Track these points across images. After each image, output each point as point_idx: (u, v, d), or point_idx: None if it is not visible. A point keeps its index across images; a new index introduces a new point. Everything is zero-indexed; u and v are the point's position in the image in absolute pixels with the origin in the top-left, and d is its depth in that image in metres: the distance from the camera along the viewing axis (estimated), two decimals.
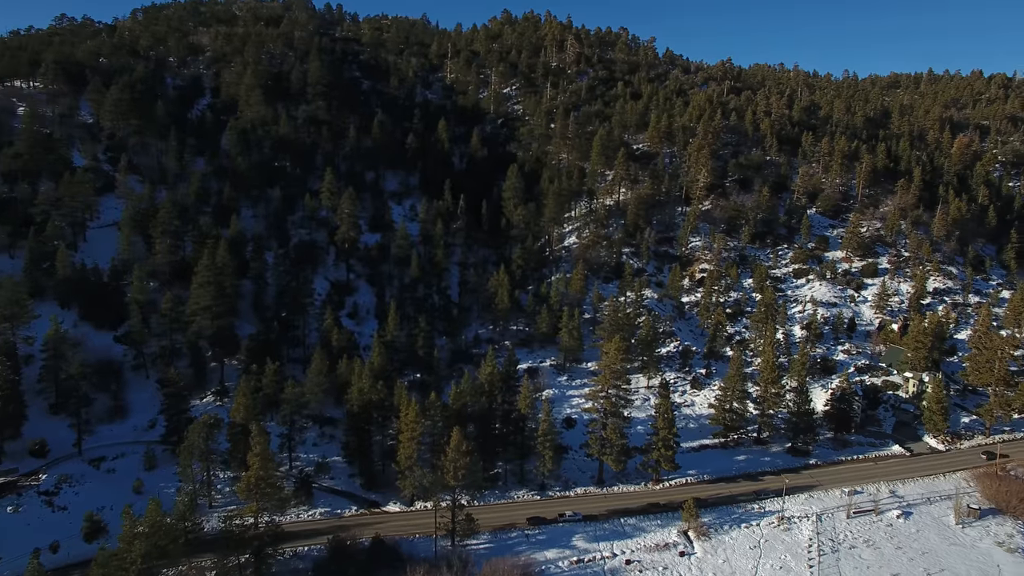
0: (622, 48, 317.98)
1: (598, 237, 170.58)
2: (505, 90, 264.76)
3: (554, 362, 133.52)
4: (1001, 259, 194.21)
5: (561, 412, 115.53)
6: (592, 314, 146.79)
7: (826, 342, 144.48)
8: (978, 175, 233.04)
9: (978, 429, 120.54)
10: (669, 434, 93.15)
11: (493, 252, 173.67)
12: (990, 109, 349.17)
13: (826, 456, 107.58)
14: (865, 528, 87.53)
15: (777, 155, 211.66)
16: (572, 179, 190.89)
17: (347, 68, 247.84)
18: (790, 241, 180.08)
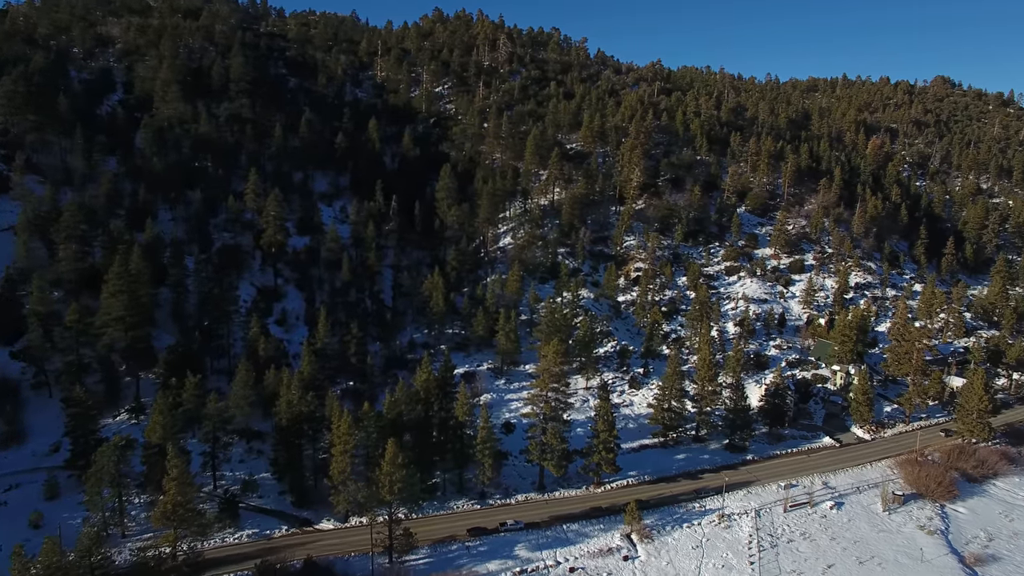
0: (554, 48, 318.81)
1: (533, 237, 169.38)
2: (437, 89, 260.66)
3: (491, 365, 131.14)
4: (913, 254, 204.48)
5: (500, 417, 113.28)
6: (529, 315, 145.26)
7: (758, 338, 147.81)
8: (890, 175, 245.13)
9: (899, 417, 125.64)
10: (609, 436, 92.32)
11: (427, 254, 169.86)
12: (897, 113, 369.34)
13: (762, 451, 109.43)
14: (801, 521, 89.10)
15: (707, 155, 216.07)
16: (506, 179, 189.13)
17: (272, 65, 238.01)
18: (721, 239, 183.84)
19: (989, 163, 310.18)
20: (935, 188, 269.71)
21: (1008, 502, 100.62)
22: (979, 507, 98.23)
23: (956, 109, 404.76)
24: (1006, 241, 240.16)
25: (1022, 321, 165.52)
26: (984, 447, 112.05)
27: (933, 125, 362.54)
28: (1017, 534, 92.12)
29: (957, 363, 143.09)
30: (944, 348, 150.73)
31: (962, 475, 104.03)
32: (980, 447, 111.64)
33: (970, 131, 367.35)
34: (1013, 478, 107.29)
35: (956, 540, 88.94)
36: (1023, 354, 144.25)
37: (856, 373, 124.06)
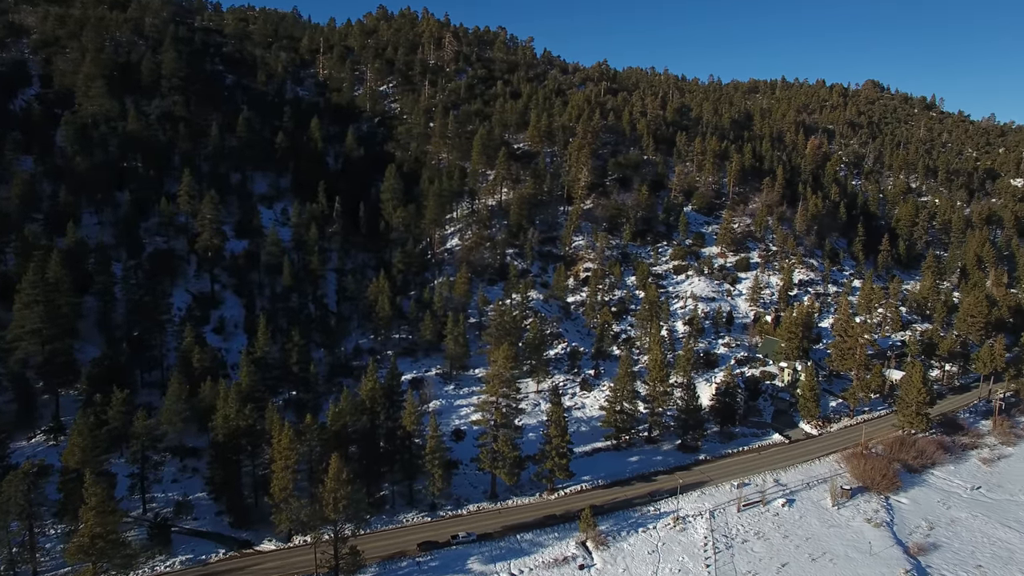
0: (500, 47, 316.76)
1: (481, 238, 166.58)
2: (382, 88, 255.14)
3: (440, 371, 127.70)
4: (851, 251, 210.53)
5: (449, 424, 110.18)
6: (478, 318, 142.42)
7: (707, 336, 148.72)
8: (829, 174, 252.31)
9: (844, 411, 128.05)
10: (562, 442, 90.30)
11: (372, 257, 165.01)
12: (833, 115, 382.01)
13: (714, 450, 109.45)
14: (755, 520, 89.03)
15: (654, 155, 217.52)
16: (453, 179, 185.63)
17: (208, 61, 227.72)
18: (669, 238, 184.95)
19: (917, 163, 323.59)
20: (870, 187, 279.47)
21: (945, 490, 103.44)
22: (920, 497, 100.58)
23: (886, 112, 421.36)
24: (934, 238, 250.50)
25: (952, 314, 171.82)
26: (923, 438, 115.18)
27: (866, 126, 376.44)
28: (954, 521, 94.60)
29: (896, 357, 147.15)
30: (883, 342, 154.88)
31: (904, 466, 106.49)
32: (919, 438, 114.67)
33: (899, 133, 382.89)
34: (949, 466, 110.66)
35: (900, 531, 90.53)
36: (954, 346, 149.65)
37: (803, 369, 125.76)
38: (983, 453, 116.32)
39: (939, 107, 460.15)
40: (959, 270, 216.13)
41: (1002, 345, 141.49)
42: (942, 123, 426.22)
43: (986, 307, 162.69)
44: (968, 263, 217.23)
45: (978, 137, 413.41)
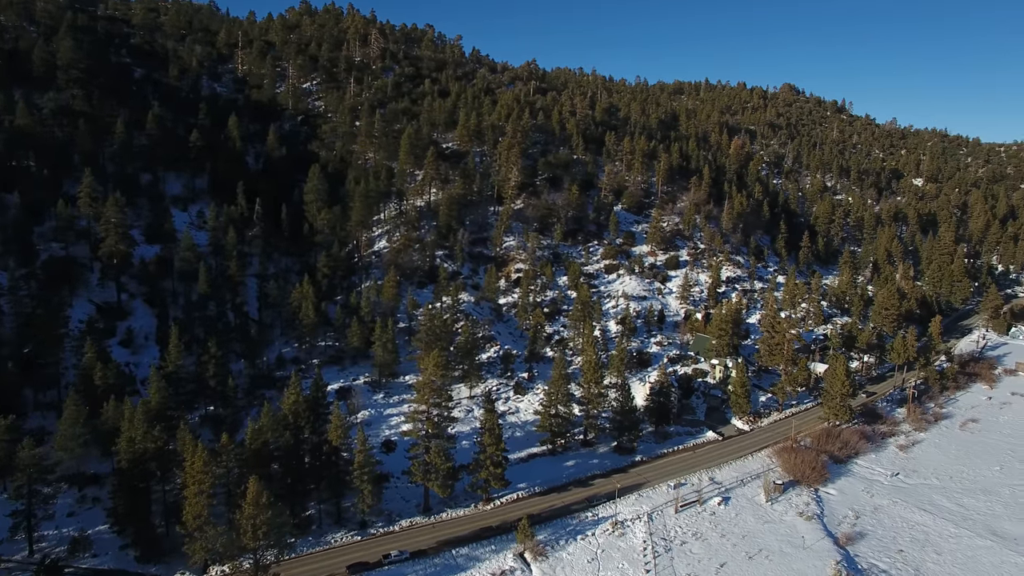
0: (428, 45, 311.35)
1: (410, 240, 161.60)
2: (305, 85, 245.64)
3: (368, 379, 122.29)
4: (775, 248, 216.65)
5: (379, 435, 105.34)
6: (407, 323, 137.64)
7: (640, 335, 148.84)
8: (752, 174, 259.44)
9: (773, 406, 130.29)
10: (497, 450, 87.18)
11: (296, 261, 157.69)
12: (754, 116, 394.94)
13: (650, 451, 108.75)
14: (692, 521, 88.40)
15: (583, 154, 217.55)
16: (380, 180, 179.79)
17: (113, 52, 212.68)
18: (600, 237, 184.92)
19: (832, 163, 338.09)
20: (790, 186, 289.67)
21: (868, 479, 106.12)
22: (846, 487, 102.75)
23: (802, 114, 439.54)
24: (849, 234, 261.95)
25: (868, 307, 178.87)
26: (847, 428, 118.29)
27: (785, 128, 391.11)
28: (878, 508, 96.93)
29: (819, 350, 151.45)
30: (807, 336, 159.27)
31: (831, 457, 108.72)
32: (844, 429, 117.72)
33: (815, 134, 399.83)
34: (870, 455, 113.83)
35: (830, 522, 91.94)
36: (871, 338, 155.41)
37: (734, 366, 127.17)
38: (900, 440, 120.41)
39: (848, 110, 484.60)
40: (872, 264, 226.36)
41: (913, 336, 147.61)
42: (852, 125, 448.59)
43: (897, 300, 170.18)
44: (879, 258, 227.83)
45: (883, 139, 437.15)
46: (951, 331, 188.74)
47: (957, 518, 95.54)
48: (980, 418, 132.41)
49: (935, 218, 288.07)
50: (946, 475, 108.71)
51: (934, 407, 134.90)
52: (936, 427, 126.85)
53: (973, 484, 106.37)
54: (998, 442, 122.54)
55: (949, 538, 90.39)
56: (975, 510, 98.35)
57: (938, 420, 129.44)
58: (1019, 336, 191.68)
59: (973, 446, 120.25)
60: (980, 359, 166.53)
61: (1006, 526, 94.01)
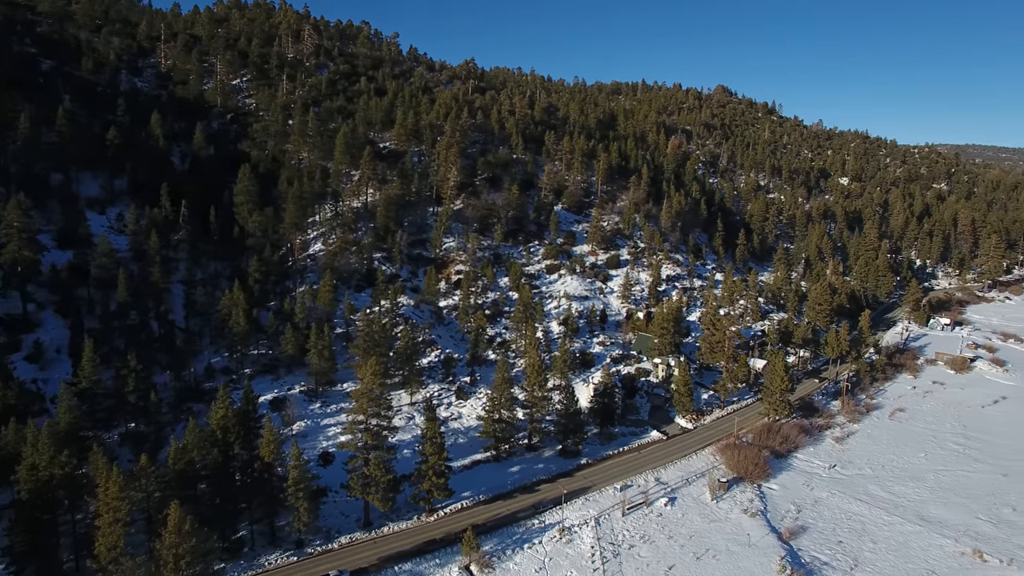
0: (364, 42, 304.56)
1: (346, 242, 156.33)
2: (235, 82, 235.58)
3: (304, 388, 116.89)
4: (712, 246, 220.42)
5: (316, 447, 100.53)
6: (345, 328, 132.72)
7: (582, 336, 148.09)
8: (689, 173, 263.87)
9: (715, 403, 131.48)
10: (439, 460, 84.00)
11: (227, 265, 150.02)
12: (690, 116, 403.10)
13: (595, 453, 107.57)
14: (640, 523, 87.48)
15: (523, 154, 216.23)
16: (314, 180, 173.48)
17: (16, 41, 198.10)
18: (540, 238, 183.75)
19: (764, 163, 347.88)
20: (725, 185, 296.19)
21: (807, 472, 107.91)
22: (787, 481, 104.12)
23: (735, 115, 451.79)
24: (782, 231, 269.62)
25: (802, 303, 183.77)
26: (786, 423, 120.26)
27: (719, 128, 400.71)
28: (818, 501, 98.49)
29: (758, 346, 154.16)
30: (746, 332, 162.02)
31: (772, 452, 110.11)
32: (783, 423, 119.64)
33: (748, 134, 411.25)
34: (809, 448, 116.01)
35: (774, 517, 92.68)
36: (807, 333, 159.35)
37: (676, 364, 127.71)
38: (835, 432, 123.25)
39: (778, 112, 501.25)
40: (804, 261, 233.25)
41: (845, 330, 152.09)
42: (782, 126, 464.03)
43: (829, 295, 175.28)
44: (811, 254, 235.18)
45: (811, 140, 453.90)
46: (878, 324, 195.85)
47: (889, 506, 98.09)
48: (906, 407, 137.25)
49: (860, 216, 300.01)
50: (878, 464, 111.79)
51: (865, 399, 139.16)
52: (868, 418, 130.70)
53: (902, 472, 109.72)
54: (922, 430, 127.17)
55: (883, 526, 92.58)
56: (905, 497, 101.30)
57: (869, 411, 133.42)
58: (937, 327, 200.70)
59: (901, 435, 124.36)
60: (904, 350, 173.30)
61: (932, 510, 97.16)
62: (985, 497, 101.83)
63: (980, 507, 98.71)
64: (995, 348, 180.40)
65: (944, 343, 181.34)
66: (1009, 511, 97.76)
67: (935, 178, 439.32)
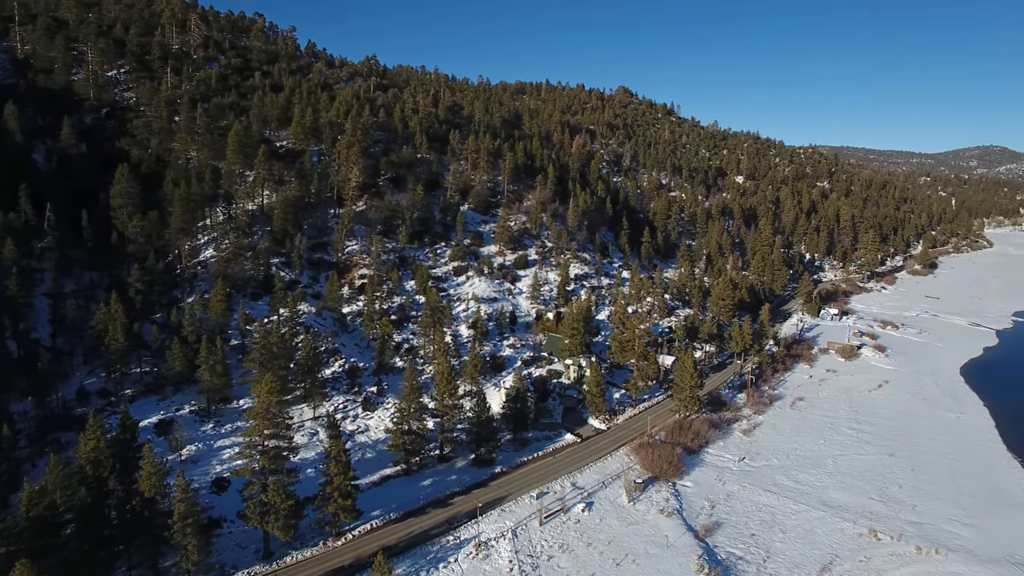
0: (258, 35, 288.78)
1: (241, 248, 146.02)
2: (110, 73, 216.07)
3: (195, 408, 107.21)
4: (618, 244, 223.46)
5: (209, 473, 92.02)
6: (240, 340, 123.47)
7: (492, 338, 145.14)
8: (594, 172, 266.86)
9: (627, 402, 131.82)
10: (345, 480, 78.31)
11: (104, 275, 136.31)
12: (593, 116, 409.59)
13: (510, 460, 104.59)
14: (558, 532, 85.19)
15: (428, 153, 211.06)
16: (204, 181, 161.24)
17: None
18: (447, 239, 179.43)
19: (665, 162, 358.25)
20: (629, 184, 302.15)
21: (719, 467, 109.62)
22: (700, 478, 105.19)
23: (637, 115, 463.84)
24: (684, 228, 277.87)
25: (706, 298, 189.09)
26: (697, 418, 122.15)
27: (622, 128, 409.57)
28: (730, 496, 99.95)
29: (666, 342, 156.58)
30: (654, 329, 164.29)
31: (684, 449, 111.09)
32: (694, 419, 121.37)
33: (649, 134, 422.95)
34: (719, 442, 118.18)
35: (689, 515, 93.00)
36: (712, 328, 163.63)
37: (587, 365, 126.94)
38: (742, 425, 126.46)
39: (677, 113, 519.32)
40: (706, 257, 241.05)
41: (748, 324, 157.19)
42: (681, 127, 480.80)
43: (731, 290, 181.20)
44: (712, 250, 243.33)
45: (708, 140, 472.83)
46: (775, 316, 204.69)
47: (795, 494, 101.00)
48: (805, 396, 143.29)
49: (755, 212, 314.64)
50: (783, 454, 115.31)
51: (768, 390, 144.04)
52: (771, 408, 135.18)
53: (805, 460, 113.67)
54: (820, 417, 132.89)
55: (791, 515, 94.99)
56: (808, 484, 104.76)
57: (772, 402, 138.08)
58: (827, 317, 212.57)
59: (802, 423, 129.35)
60: (800, 341, 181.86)
61: (833, 495, 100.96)
62: (876, 478, 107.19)
63: (872, 487, 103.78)
64: (877, 335, 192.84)
65: (834, 332, 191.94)
66: (896, 489, 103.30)
67: (819, 177, 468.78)
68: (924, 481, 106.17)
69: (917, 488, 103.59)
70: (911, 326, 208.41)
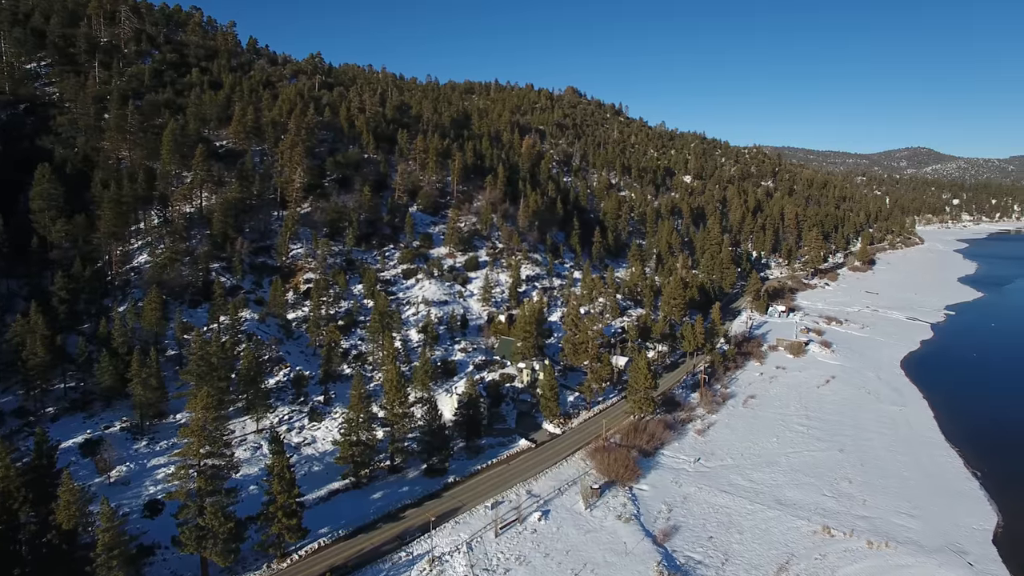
0: (196, 30, 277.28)
1: (177, 252, 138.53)
2: (30, 66, 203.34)
3: (127, 424, 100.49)
4: (569, 244, 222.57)
5: (142, 495, 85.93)
6: (178, 350, 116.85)
7: (443, 343, 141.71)
8: (544, 172, 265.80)
9: (581, 405, 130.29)
10: (289, 497, 73.98)
11: (23, 284, 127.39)
12: (543, 116, 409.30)
13: (463, 469, 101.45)
14: (514, 543, 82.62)
15: (375, 153, 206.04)
16: (137, 183, 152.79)
17: None
18: (396, 241, 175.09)
19: (615, 162, 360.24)
20: (579, 183, 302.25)
21: (675, 468, 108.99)
22: (657, 480, 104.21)
23: (586, 115, 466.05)
24: (635, 228, 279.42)
25: (658, 297, 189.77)
26: (652, 420, 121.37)
27: (571, 128, 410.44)
28: (686, 498, 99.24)
29: (619, 343, 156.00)
30: (607, 330, 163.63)
31: (640, 452, 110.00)
32: (649, 421, 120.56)
33: (598, 134, 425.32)
34: (674, 443, 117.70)
35: (647, 520, 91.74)
36: (664, 328, 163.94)
37: (541, 368, 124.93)
38: (697, 424, 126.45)
39: (625, 113, 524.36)
40: (656, 256, 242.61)
41: (700, 323, 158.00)
42: (629, 127, 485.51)
43: (682, 289, 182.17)
44: (662, 249, 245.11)
45: (656, 140, 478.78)
46: (725, 314, 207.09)
47: (751, 494, 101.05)
48: (757, 394, 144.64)
49: (704, 211, 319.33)
50: (738, 453, 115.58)
51: (721, 388, 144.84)
52: (724, 407, 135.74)
53: (759, 458, 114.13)
54: (772, 415, 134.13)
55: (747, 515, 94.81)
56: (763, 483, 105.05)
57: (725, 400, 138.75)
58: (775, 314, 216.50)
59: (755, 421, 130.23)
60: (750, 338, 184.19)
61: (787, 493, 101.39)
62: (828, 474, 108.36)
63: (824, 484, 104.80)
64: (822, 331, 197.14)
65: (782, 329, 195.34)
66: (847, 484, 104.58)
67: (763, 176, 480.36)
68: (872, 475, 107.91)
69: (866, 482, 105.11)
70: (854, 321, 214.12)
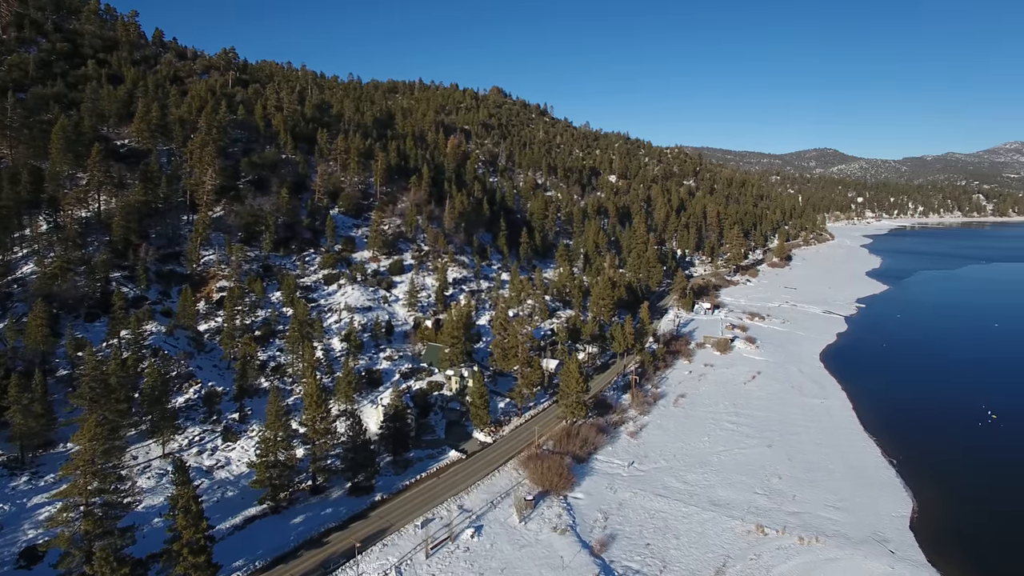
0: (91, 18, 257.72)
1: (70, 261, 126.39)
2: None
3: (3, 458, 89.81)
4: (497, 245, 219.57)
5: (18, 540, 76.13)
6: (71, 370, 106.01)
7: (368, 351, 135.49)
8: (469, 172, 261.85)
9: (512, 411, 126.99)
10: (196, 532, 66.90)
11: None
12: (468, 116, 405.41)
13: (390, 485, 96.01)
14: (447, 563, 78.14)
15: (293, 153, 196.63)
16: (21, 184, 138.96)
17: None
18: (316, 245, 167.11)
19: (541, 162, 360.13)
20: (505, 184, 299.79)
21: (609, 473, 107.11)
22: (591, 487, 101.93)
23: (511, 115, 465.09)
24: (562, 228, 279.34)
25: (587, 297, 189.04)
26: (584, 424, 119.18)
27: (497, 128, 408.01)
28: (622, 504, 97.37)
29: (549, 345, 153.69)
30: (536, 332, 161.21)
31: (574, 458, 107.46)
32: (581, 425, 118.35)
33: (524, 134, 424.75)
34: (608, 447, 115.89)
35: (583, 531, 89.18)
36: (594, 329, 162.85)
37: (470, 375, 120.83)
38: (629, 427, 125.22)
39: (550, 113, 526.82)
40: (583, 256, 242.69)
41: (630, 323, 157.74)
42: (554, 127, 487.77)
43: (610, 289, 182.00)
44: (589, 249, 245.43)
45: (581, 140, 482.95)
46: (653, 313, 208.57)
47: (685, 496, 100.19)
48: (687, 392, 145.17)
49: (629, 211, 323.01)
50: (671, 454, 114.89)
51: (651, 388, 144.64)
52: (656, 407, 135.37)
53: (691, 459, 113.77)
54: (703, 413, 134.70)
55: (683, 519, 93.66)
56: (697, 484, 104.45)
57: (656, 400, 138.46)
58: (701, 312, 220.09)
59: (686, 421, 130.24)
60: (678, 337, 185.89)
61: (721, 493, 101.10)
62: (758, 471, 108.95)
63: (755, 481, 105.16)
64: (747, 327, 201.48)
65: (708, 327, 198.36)
66: (777, 480, 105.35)
67: (685, 175, 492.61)
68: (800, 469, 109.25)
69: (795, 477, 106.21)
70: (775, 316, 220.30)
